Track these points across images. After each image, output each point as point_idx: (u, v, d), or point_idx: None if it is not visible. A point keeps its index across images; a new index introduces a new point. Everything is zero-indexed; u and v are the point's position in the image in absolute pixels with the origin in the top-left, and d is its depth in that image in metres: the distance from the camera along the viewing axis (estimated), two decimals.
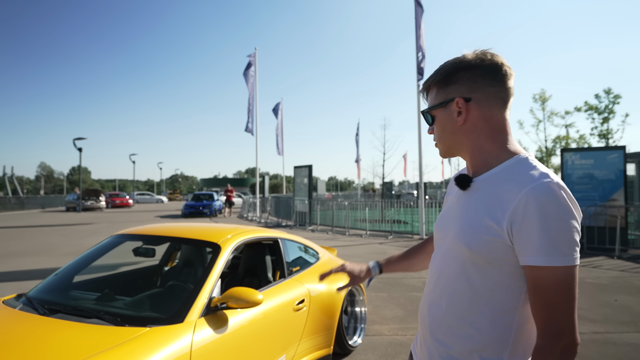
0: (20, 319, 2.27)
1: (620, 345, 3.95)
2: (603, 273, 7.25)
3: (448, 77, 1.13)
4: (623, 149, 9.71)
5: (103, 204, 30.72)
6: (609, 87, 22.22)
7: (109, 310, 2.42)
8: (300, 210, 16.35)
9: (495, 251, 1.01)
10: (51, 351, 1.90)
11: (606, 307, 5.19)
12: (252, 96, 20.51)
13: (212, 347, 2.26)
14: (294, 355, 3.05)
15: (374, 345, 3.95)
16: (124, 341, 1.98)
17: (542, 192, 0.95)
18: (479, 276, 1.05)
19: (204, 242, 2.96)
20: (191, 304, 2.34)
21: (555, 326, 0.94)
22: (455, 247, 1.10)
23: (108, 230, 15.09)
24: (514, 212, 0.97)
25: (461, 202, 1.14)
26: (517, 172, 1.03)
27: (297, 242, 3.86)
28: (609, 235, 9.36)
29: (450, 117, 1.13)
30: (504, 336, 1.03)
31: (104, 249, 3.26)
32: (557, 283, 0.93)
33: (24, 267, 7.90)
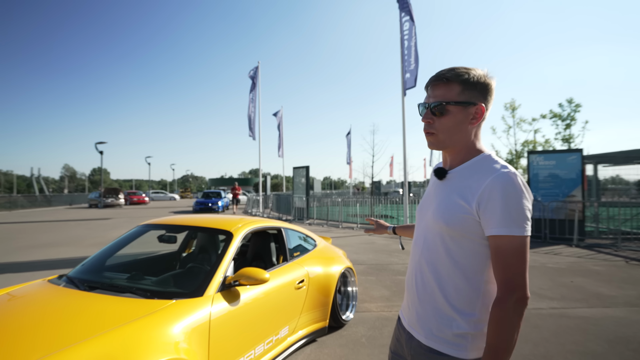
0: (66, 294, 2.40)
1: (572, 318, 4.12)
2: (562, 259, 7.44)
3: (478, 84, 1.18)
4: (580, 152, 9.93)
5: (122, 201, 30.63)
6: (571, 97, 22.47)
7: (140, 286, 2.55)
8: (298, 206, 16.46)
9: (467, 226, 1.15)
10: (97, 317, 2.03)
11: (563, 287, 5.37)
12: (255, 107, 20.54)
13: (226, 317, 2.40)
14: (295, 326, 3.19)
15: (364, 319, 4.09)
16: (155, 310, 2.12)
17: (504, 179, 1.10)
18: (455, 246, 1.18)
19: (219, 230, 3.10)
20: (209, 281, 2.48)
21: (511, 282, 1.07)
22: (434, 224, 1.23)
23: (127, 224, 15.13)
24: (481, 195, 1.12)
25: (439, 189, 1.27)
26: (483, 165, 1.18)
27: (298, 231, 4.00)
28: (569, 227, 9.57)
29: (466, 116, 1.19)
30: (475, 293, 1.17)
31: (131, 237, 3.39)
32: (514, 249, 1.07)
33: (55, 256, 7.98)
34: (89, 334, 1.80)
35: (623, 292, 5.09)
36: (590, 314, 4.26)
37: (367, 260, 7.26)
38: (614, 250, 8.36)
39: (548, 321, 4.03)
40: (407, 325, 1.34)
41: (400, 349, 1.38)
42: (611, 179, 15.29)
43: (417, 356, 1.27)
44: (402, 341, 1.37)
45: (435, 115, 1.20)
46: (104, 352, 1.71)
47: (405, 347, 1.34)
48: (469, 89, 1.18)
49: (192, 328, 2.14)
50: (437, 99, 1.20)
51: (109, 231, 12.76)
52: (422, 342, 1.24)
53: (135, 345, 1.83)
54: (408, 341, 1.31)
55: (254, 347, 2.64)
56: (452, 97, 1.18)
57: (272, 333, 2.87)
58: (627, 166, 12.28)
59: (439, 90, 1.20)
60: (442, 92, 1.19)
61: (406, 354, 1.34)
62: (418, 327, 1.27)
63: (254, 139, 20.97)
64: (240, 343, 2.50)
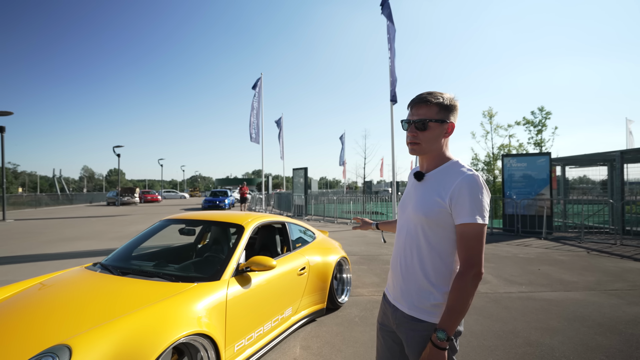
0: (103, 278, 2.55)
1: (538, 300, 4.31)
2: (532, 250, 7.64)
3: (449, 107, 1.35)
4: (549, 155, 10.15)
5: (137, 199, 30.64)
6: (542, 105, 22.80)
7: (165, 272, 2.70)
8: (298, 204, 16.60)
9: (441, 217, 1.32)
10: (133, 296, 2.19)
11: (531, 274, 5.56)
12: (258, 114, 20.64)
13: (240, 298, 2.55)
14: (297, 307, 3.35)
15: (357, 302, 4.26)
16: (181, 291, 2.27)
17: (469, 180, 1.28)
18: (432, 234, 1.35)
19: (232, 224, 3.25)
20: (225, 267, 2.63)
21: (471, 260, 1.24)
22: (415, 216, 1.39)
23: (143, 220, 15.21)
24: (452, 192, 1.29)
25: (417, 189, 1.43)
26: (453, 169, 1.36)
27: (299, 225, 4.15)
28: (538, 222, 9.78)
29: (441, 131, 1.36)
30: (448, 271, 1.33)
31: (154, 231, 3.53)
32: (475, 234, 1.25)
33: (81, 249, 8.09)
34: (130, 309, 1.96)
35: (583, 278, 5.29)
36: (553, 297, 4.45)
37: (359, 252, 7.43)
38: (578, 242, 8.57)
39: (517, 303, 4.21)
40: (392, 300, 1.49)
41: (387, 320, 1.53)
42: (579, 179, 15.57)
43: (401, 325, 1.42)
44: (387, 314, 1.52)
45: (419, 130, 1.36)
46: (143, 323, 1.87)
47: (390, 318, 1.49)
48: (444, 110, 1.35)
49: (212, 307, 2.30)
50: (420, 117, 1.35)
51: (126, 226, 12.85)
52: (405, 312, 1.40)
53: (167, 319, 1.98)
54: (393, 313, 1.46)
55: (262, 324, 2.79)
56: (432, 115, 1.34)
57: (278, 313, 3.02)
58: (591, 167, 12.54)
59: (421, 109, 1.36)
60: (424, 111, 1.35)
61: (391, 323, 1.48)
62: (402, 301, 1.42)
63: (258, 143, 21.09)
64: (252, 320, 2.66)
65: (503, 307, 4.05)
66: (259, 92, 20.76)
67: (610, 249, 7.68)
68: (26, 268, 6.13)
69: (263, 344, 2.80)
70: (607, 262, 6.43)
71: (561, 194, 12.34)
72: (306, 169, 16.54)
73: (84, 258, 6.85)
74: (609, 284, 4.97)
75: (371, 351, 2.99)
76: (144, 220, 15.40)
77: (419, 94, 1.40)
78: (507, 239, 9.25)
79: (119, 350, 1.71)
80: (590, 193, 14.39)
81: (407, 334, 1.39)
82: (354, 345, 3.11)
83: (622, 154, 9.57)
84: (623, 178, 9.58)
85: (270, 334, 2.91)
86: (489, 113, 24.18)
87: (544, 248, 7.86)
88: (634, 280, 5.20)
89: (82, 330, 1.75)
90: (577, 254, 7.15)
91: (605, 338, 3.23)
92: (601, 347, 3.05)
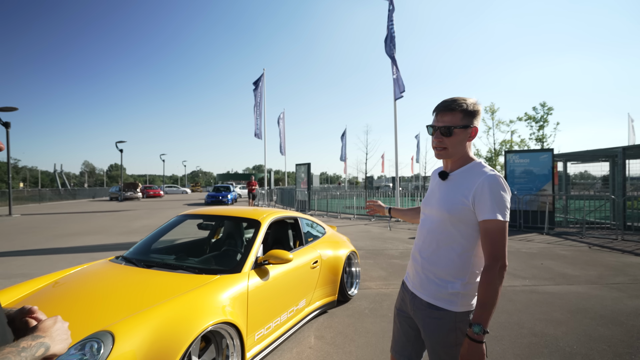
0: (130, 270, 2.67)
1: (541, 294, 4.44)
2: (534, 245, 7.77)
3: (473, 112, 1.43)
4: (551, 151, 10.24)
5: (140, 194, 30.79)
6: (544, 101, 22.83)
7: (188, 264, 2.82)
8: (301, 199, 16.71)
9: (464, 214, 1.42)
10: (162, 287, 2.31)
11: (534, 268, 5.69)
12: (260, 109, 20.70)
13: (260, 289, 2.68)
14: (310, 299, 3.48)
15: (366, 295, 4.39)
16: (205, 283, 2.39)
17: (491, 180, 1.38)
18: (453, 229, 1.45)
19: (249, 219, 3.36)
20: (245, 260, 2.75)
21: (496, 254, 1.34)
22: (438, 213, 1.49)
23: (148, 215, 15.36)
24: (475, 191, 1.39)
25: (442, 188, 1.53)
26: (476, 169, 1.46)
27: (310, 220, 4.27)
28: (540, 217, 9.90)
29: (465, 136, 1.44)
30: (467, 263, 1.43)
31: (171, 225, 3.65)
32: (498, 229, 1.34)
33: (90, 243, 8.23)
34: (161, 299, 2.08)
35: (585, 273, 5.41)
36: (556, 290, 4.57)
37: (364, 246, 7.55)
38: (579, 237, 8.69)
39: (521, 296, 4.34)
40: (411, 287, 1.60)
41: (405, 306, 1.64)
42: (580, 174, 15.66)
43: (418, 311, 1.53)
44: (406, 300, 1.63)
45: (444, 136, 1.44)
46: (175, 312, 1.99)
47: (409, 304, 1.60)
48: (468, 115, 1.43)
49: (235, 297, 2.42)
50: (446, 124, 1.43)
51: (132, 221, 12.99)
52: (423, 300, 1.51)
53: (196, 308, 2.11)
54: (412, 300, 1.58)
55: (279, 315, 2.92)
56: (457, 122, 1.42)
57: (293, 304, 3.15)
58: (593, 163, 12.62)
59: (446, 116, 1.43)
60: (449, 118, 1.43)
61: (409, 309, 1.60)
62: (421, 289, 1.53)
63: (260, 138, 21.17)
64: (270, 310, 2.79)
65: (508, 300, 4.18)
66: (262, 88, 20.80)
67: (612, 244, 7.80)
68: (40, 261, 6.27)
69: (280, 334, 2.93)
70: (608, 256, 6.55)
71: (563, 190, 12.45)
72: (309, 164, 16.64)
73: (95, 252, 6.99)
74: (611, 278, 5.10)
75: (382, 341, 3.12)
76: (148, 215, 15.54)
77: (444, 101, 1.47)
78: (509, 234, 9.33)
79: (156, 336, 1.83)
80: (591, 189, 14.49)
81: (424, 320, 1.50)
82: (365, 335, 3.24)
83: (624, 150, 9.65)
84: (625, 174, 9.67)
85: (287, 324, 3.04)
86: (491, 109, 24.24)
87: (546, 243, 7.98)
88: (635, 274, 5.32)
89: (121, 318, 1.87)
90: (579, 249, 7.27)
91: (607, 329, 3.36)
92: (603, 338, 3.18)
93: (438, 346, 1.46)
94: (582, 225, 9.40)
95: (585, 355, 2.86)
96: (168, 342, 1.86)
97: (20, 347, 0.69)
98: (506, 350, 2.96)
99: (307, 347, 3.02)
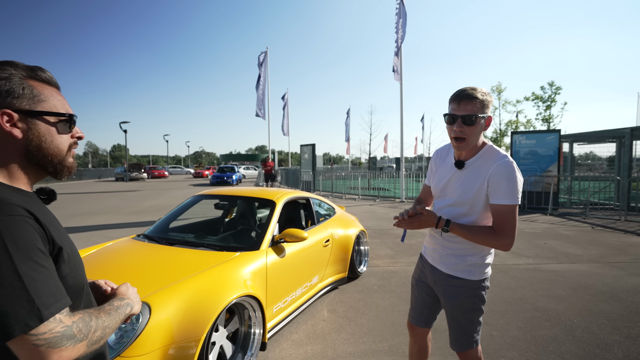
0: (154, 247, 2.82)
1: (544, 272, 4.59)
2: (538, 225, 7.90)
3: (488, 101, 1.48)
4: (558, 132, 10.21)
5: (145, 175, 31.04)
6: (552, 80, 22.43)
7: (209, 242, 2.96)
8: (305, 180, 16.83)
9: (480, 197, 1.53)
10: (187, 262, 2.45)
11: (538, 248, 5.83)
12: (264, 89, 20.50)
13: (277, 265, 2.82)
14: (323, 276, 3.64)
15: (374, 272, 4.56)
16: (228, 259, 2.53)
17: (505, 164, 1.48)
18: (471, 210, 1.55)
19: (265, 199, 3.48)
20: (262, 238, 2.89)
21: (505, 232, 1.47)
22: (458, 200, 1.58)
23: (155, 196, 15.58)
24: (490, 175, 1.49)
25: (458, 176, 1.60)
26: (490, 155, 1.54)
27: (321, 200, 4.39)
28: (544, 198, 9.99)
29: (483, 125, 1.50)
30: None
31: (188, 205, 3.77)
32: (510, 212, 1.46)
33: (101, 223, 8.44)
34: (189, 273, 2.22)
35: (587, 252, 5.55)
36: (559, 268, 4.72)
37: (370, 226, 7.71)
38: (583, 218, 8.80)
39: (524, 274, 4.49)
40: (431, 262, 1.73)
41: (424, 277, 1.79)
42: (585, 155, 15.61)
43: (438, 281, 1.68)
44: (425, 272, 1.77)
45: (466, 125, 1.46)
46: (203, 286, 2.14)
47: (429, 275, 1.74)
48: (485, 105, 1.48)
49: (255, 272, 2.56)
50: (468, 112, 1.44)
51: (140, 202, 13.21)
52: (443, 271, 1.65)
53: (222, 282, 2.25)
54: (432, 271, 1.72)
55: (295, 290, 3.08)
56: (477, 111, 1.45)
57: (307, 280, 3.31)
58: (599, 144, 12.58)
59: (468, 105, 1.45)
60: (471, 107, 1.44)
61: (429, 280, 1.75)
62: (440, 263, 1.67)
63: (264, 118, 21.04)
64: (287, 285, 2.94)
65: (511, 277, 4.33)
66: (265, 66, 20.52)
67: (615, 224, 7.91)
68: None
69: (295, 307, 3.10)
70: (611, 236, 6.68)
71: (568, 171, 12.47)
72: (314, 145, 16.65)
73: (108, 230, 7.20)
74: (612, 257, 5.23)
75: (391, 314, 3.29)
76: (156, 195, 15.76)
77: (464, 89, 1.48)
78: None
79: (187, 307, 1.98)
80: (596, 170, 14.48)
81: (445, 289, 1.65)
82: (375, 309, 3.41)
83: (632, 131, 9.62)
84: (632, 155, 9.67)
85: (301, 299, 3.20)
86: (498, 88, 23.90)
87: (549, 223, 8.10)
88: (636, 253, 5.45)
89: (154, 290, 2.01)
90: (582, 229, 7.39)
91: (607, 305, 3.51)
92: (603, 312, 3.33)
93: (457, 311, 1.62)
94: (585, 206, 9.49)
95: (585, 328, 3.02)
96: (199, 312, 2.00)
97: (114, 306, 0.81)
98: (510, 323, 3.12)
99: (320, 320, 3.19)
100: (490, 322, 3.14)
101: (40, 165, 0.80)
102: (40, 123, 0.78)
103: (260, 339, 2.46)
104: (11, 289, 0.60)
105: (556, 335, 2.89)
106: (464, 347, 1.62)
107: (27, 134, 0.76)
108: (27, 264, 0.63)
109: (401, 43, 12.22)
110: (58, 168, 0.82)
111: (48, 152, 0.79)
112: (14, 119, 0.74)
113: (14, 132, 0.74)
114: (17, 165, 0.77)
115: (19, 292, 0.61)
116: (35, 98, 0.77)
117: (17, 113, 0.74)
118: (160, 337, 1.81)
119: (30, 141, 0.77)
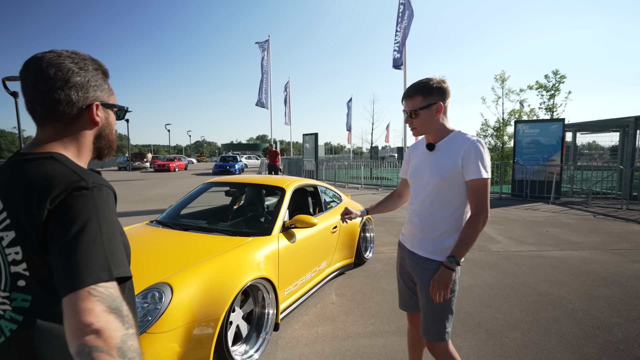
0: (169, 232, 2.90)
1: (546, 258, 4.68)
2: (540, 214, 7.97)
3: (434, 89, 1.59)
4: (562, 121, 10.19)
5: (147, 164, 31.13)
6: (556, 69, 22.24)
7: (222, 228, 3.05)
8: (308, 169, 16.88)
9: (455, 177, 1.60)
10: (202, 247, 2.54)
11: (540, 235, 5.92)
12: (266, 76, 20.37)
13: (288, 250, 2.90)
14: (330, 261, 3.73)
15: (380, 258, 4.66)
16: (241, 244, 2.61)
17: (475, 144, 1.57)
18: (447, 192, 1.63)
19: (274, 186, 3.55)
20: (274, 224, 2.97)
21: (481, 206, 1.55)
22: (431, 180, 1.66)
23: (159, 184, 15.68)
24: (462, 155, 1.57)
25: (431, 158, 1.68)
26: (459, 137, 1.63)
27: (328, 188, 4.46)
28: (547, 187, 10.04)
29: (431, 113, 1.61)
30: (458, 220, 1.63)
31: (199, 192, 3.85)
32: (482, 186, 1.55)
33: None
34: (205, 257, 2.31)
35: (588, 239, 5.63)
36: (560, 255, 4.81)
37: (374, 215, 7.79)
38: (585, 206, 8.87)
39: (526, 260, 4.58)
40: (409, 247, 1.78)
41: (404, 264, 1.84)
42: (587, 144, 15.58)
43: (416, 265, 1.72)
44: (405, 258, 1.82)
45: (412, 118, 1.64)
46: (220, 268, 2.23)
47: (407, 261, 1.79)
48: (428, 94, 1.60)
49: (268, 256, 2.65)
50: (410, 108, 1.64)
51: (144, 190, 13.31)
52: (421, 255, 1.70)
53: (237, 265, 2.34)
54: (410, 257, 1.76)
55: (304, 274, 3.18)
56: (417, 105, 1.61)
57: (316, 265, 3.40)
58: (602, 134, 12.55)
59: (409, 102, 1.65)
60: (412, 103, 1.63)
61: (408, 265, 1.79)
62: (419, 247, 1.71)
63: (266, 108, 20.98)
64: (297, 269, 3.04)
65: (514, 264, 4.43)
66: (267, 54, 20.35)
67: (616, 213, 7.98)
68: None
69: (305, 291, 3.20)
70: (612, 225, 6.75)
71: (570, 160, 12.48)
72: (317, 134, 16.66)
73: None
74: (613, 244, 5.32)
75: (397, 298, 3.37)
76: (160, 184, 15.86)
77: (407, 88, 1.67)
78: (515, 203, 9.57)
79: (207, 287, 2.07)
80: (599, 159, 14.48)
81: (422, 272, 1.70)
82: (382, 293, 3.52)
83: (636, 120, 9.60)
84: (635, 144, 9.67)
85: (310, 283, 3.30)
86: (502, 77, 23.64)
87: (551, 212, 8.18)
88: (637, 240, 5.53)
89: (174, 272, 2.10)
90: (583, 218, 7.47)
91: (608, 289, 3.60)
92: (604, 296, 3.42)
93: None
94: (587, 195, 9.54)
95: (586, 311, 3.11)
96: (217, 293, 2.09)
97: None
98: (513, 306, 3.22)
99: (329, 303, 3.30)
100: (494, 305, 3.24)
101: (98, 149, 0.90)
102: (111, 113, 0.91)
103: (273, 319, 2.56)
104: (93, 243, 0.68)
105: (558, 318, 2.99)
106: (435, 336, 1.65)
107: (102, 122, 0.88)
108: (108, 227, 0.72)
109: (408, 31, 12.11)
110: (110, 152, 0.94)
111: (110, 138, 0.92)
112: (98, 108, 0.86)
113: (98, 120, 0.86)
114: (87, 148, 0.87)
115: (98, 248, 0.68)
116: (110, 91, 0.90)
117: (102, 105, 0.87)
118: (182, 315, 1.90)
119: (102, 129, 0.89)
